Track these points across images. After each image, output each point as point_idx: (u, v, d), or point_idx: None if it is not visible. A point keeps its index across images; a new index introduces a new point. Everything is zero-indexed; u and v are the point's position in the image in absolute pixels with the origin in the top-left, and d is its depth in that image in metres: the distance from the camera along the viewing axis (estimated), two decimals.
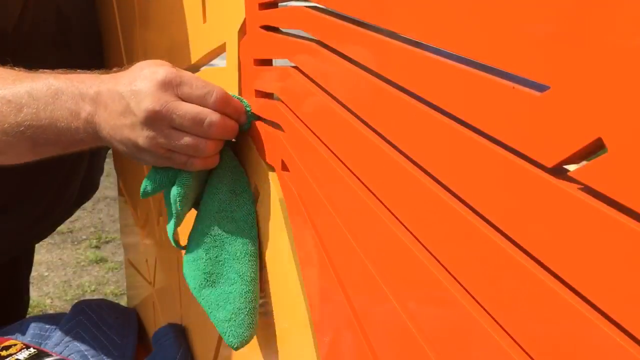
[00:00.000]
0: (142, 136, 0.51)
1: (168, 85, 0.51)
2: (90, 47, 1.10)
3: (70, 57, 0.93)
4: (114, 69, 0.57)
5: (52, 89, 0.55)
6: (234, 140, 0.58)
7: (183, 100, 0.51)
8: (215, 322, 0.54)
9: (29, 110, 0.55)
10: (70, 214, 1.23)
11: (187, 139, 0.51)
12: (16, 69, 0.60)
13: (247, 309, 0.54)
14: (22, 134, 0.55)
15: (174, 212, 0.54)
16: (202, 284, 0.55)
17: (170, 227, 0.56)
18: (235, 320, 0.53)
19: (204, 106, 0.51)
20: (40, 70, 0.59)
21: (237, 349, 0.53)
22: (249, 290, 0.54)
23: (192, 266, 0.55)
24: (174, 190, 0.54)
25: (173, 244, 0.56)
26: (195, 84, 0.51)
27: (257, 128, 0.57)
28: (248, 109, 0.55)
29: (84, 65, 0.61)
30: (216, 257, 0.55)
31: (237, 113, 0.54)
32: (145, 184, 0.55)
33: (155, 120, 0.50)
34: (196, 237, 0.56)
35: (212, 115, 0.51)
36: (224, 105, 0.53)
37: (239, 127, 0.55)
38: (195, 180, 0.55)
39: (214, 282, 0.55)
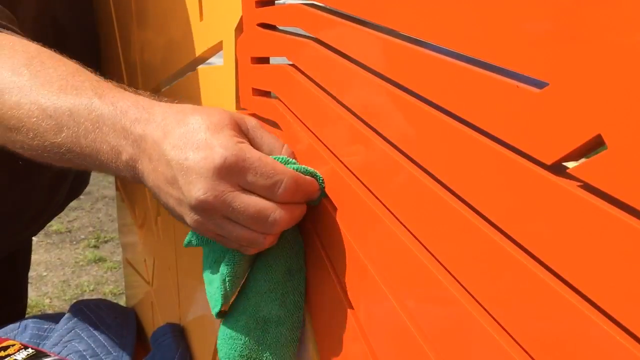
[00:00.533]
0: (189, 216, 0.44)
1: (227, 173, 0.41)
2: (89, 57, 1.10)
3: None
4: (165, 100, 0.49)
5: (93, 115, 0.47)
6: None
7: (244, 188, 0.42)
8: None
9: (68, 133, 0.48)
10: (61, 210, 1.23)
11: (242, 233, 0.43)
12: (58, 57, 0.54)
13: None
14: (62, 156, 0.50)
15: (221, 291, 0.48)
16: None
17: (214, 302, 0.50)
18: None
19: (268, 199, 0.42)
20: (82, 71, 0.52)
21: None
22: None
23: (228, 343, 0.50)
24: (223, 269, 0.47)
25: (214, 316, 0.50)
26: (260, 170, 0.42)
27: None
28: (322, 185, 0.46)
29: None
30: (257, 340, 0.49)
31: (307, 196, 0.45)
32: (190, 238, 0.50)
33: (206, 210, 0.42)
34: (238, 312, 0.50)
35: (277, 213, 0.42)
36: (292, 195, 0.43)
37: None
38: (248, 256, 0.48)
39: None
